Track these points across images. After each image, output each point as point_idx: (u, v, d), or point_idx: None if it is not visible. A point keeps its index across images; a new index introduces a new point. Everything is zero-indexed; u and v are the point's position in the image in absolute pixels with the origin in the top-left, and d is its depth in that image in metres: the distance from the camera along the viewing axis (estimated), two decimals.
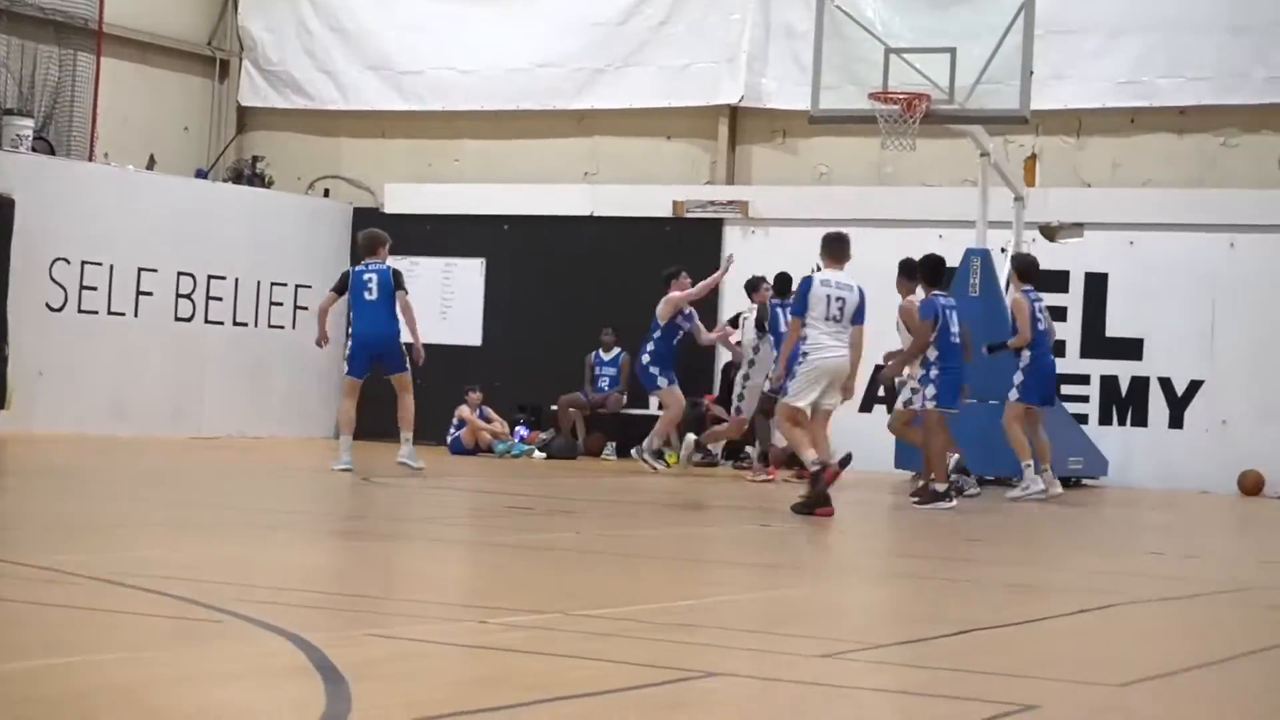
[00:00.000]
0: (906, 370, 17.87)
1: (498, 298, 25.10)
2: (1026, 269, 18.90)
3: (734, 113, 24.61)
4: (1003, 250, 21.27)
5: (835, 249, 15.28)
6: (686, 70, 24.57)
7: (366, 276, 17.97)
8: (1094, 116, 23.08)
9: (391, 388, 18.14)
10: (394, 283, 17.89)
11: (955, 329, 16.88)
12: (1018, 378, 18.36)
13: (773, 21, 24.12)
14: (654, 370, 20.49)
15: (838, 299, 14.87)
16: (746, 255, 23.49)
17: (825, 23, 18.93)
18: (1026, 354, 18.35)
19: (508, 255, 25.10)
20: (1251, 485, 21.71)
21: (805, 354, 14.81)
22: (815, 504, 14.56)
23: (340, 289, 18.23)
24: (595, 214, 24.77)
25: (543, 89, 25.31)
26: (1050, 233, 22.12)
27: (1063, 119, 23.11)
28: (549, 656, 6.96)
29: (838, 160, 24.10)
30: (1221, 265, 22.02)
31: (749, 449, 21.32)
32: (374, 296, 17.92)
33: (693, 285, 20.64)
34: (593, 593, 9.41)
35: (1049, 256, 22.20)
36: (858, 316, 14.87)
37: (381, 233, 18.52)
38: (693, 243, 23.77)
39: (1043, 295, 19.29)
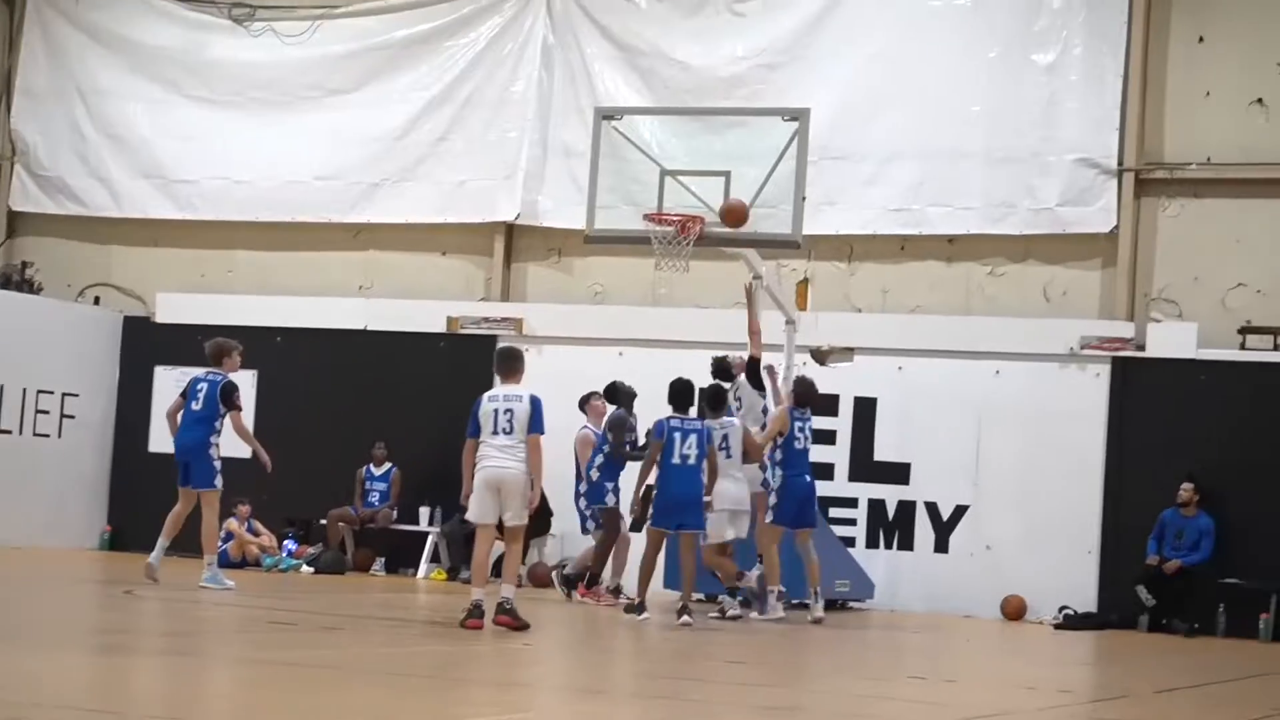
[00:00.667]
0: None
1: (269, 410, 24.77)
2: (805, 392, 19.18)
3: (510, 230, 24.68)
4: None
5: (504, 364, 15.32)
6: (464, 186, 24.63)
7: (199, 385, 18.10)
8: (865, 242, 23.43)
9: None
10: (220, 396, 17.85)
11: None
12: (770, 499, 18.56)
13: (550, 140, 24.28)
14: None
15: (506, 411, 14.93)
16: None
17: (602, 143, 18.98)
18: (780, 475, 18.59)
19: (280, 367, 24.85)
20: (1014, 610, 21.98)
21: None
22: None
23: (183, 394, 18.21)
24: (369, 328, 24.64)
25: (319, 201, 25.21)
26: (821, 356, 22.33)
27: (834, 244, 23.41)
28: None
29: (612, 280, 24.21)
30: (987, 392, 22.36)
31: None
32: (197, 406, 17.94)
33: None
34: (335, 711, 9.27)
35: (819, 380, 22.52)
36: (533, 425, 14.84)
37: (228, 342, 18.44)
38: (466, 359, 23.74)
39: (813, 419, 19.57)
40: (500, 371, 15.45)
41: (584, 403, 20.92)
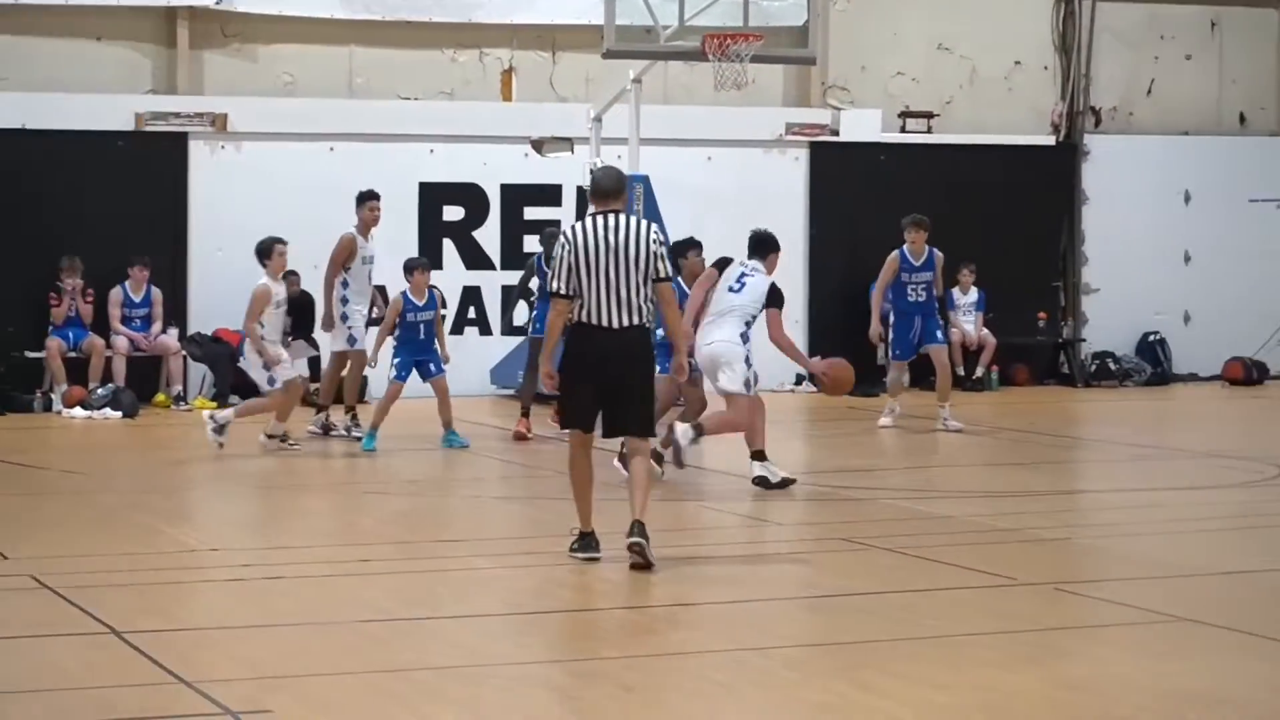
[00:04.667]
0: None
1: None
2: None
3: (174, 13, 22.75)
4: (591, 171, 21.73)
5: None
6: None
7: None
8: (568, 33, 23.70)
9: None
10: None
11: None
12: None
13: None
14: None
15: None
16: (214, 174, 22.54)
17: None
18: None
19: None
20: None
21: None
22: None
23: None
24: (28, 126, 22.40)
25: None
26: (538, 146, 22.71)
27: (537, 33, 23.69)
28: None
29: (303, 69, 23.25)
30: (702, 177, 23.45)
31: None
32: None
33: None
34: None
35: (539, 170, 22.99)
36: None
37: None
38: (152, 159, 22.34)
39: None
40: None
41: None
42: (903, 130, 24.72)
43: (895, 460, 18.08)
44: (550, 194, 23.27)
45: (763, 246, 15.80)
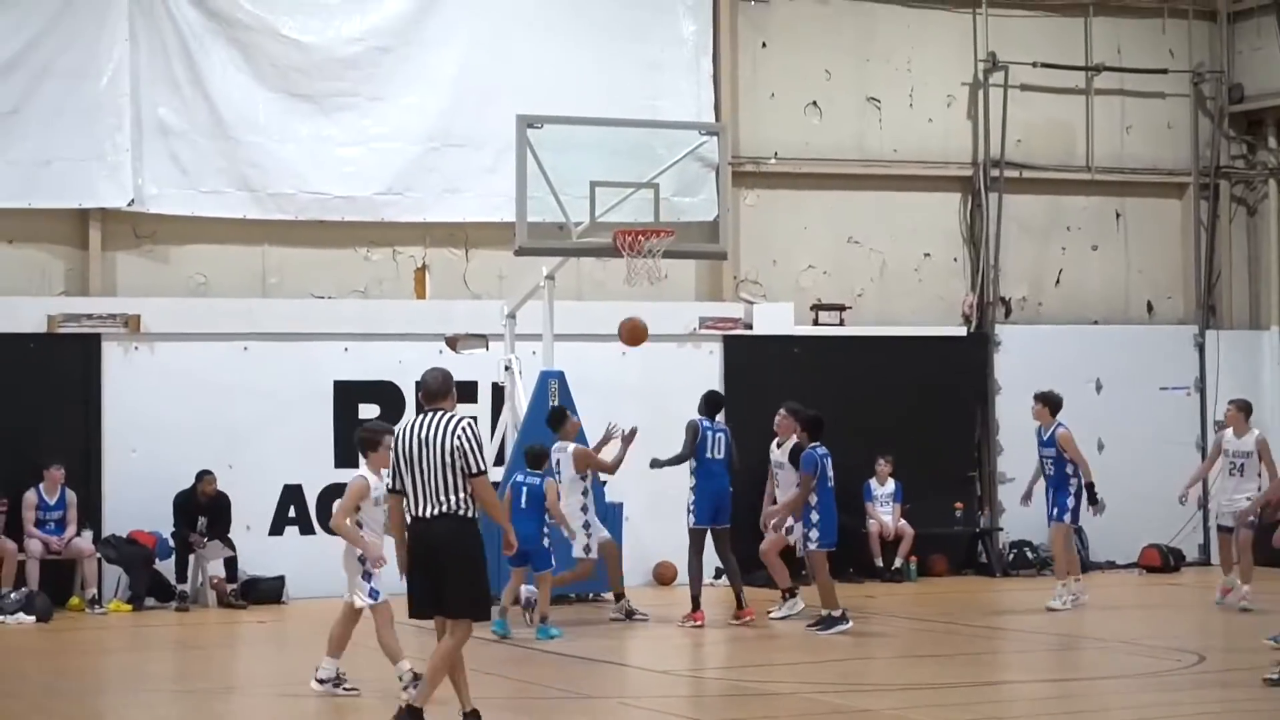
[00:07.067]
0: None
1: None
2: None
3: (88, 216, 22.68)
4: (506, 368, 21.87)
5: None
6: (49, 167, 22.29)
7: None
8: (480, 229, 23.77)
9: None
10: None
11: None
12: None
13: (145, 118, 22.72)
14: None
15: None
16: (127, 374, 22.43)
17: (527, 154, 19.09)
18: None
19: None
20: (668, 576, 23.56)
21: None
22: None
23: None
24: None
25: None
26: (452, 343, 22.78)
27: (450, 230, 23.81)
28: None
29: (214, 269, 23.22)
30: (613, 372, 23.27)
31: None
32: None
33: None
34: None
35: (454, 367, 22.91)
36: None
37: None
38: (64, 361, 22.20)
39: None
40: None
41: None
42: (815, 323, 24.90)
43: (816, 654, 18.01)
44: (466, 391, 23.16)
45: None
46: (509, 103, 22.35)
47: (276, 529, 22.79)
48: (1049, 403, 21.32)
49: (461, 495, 12.61)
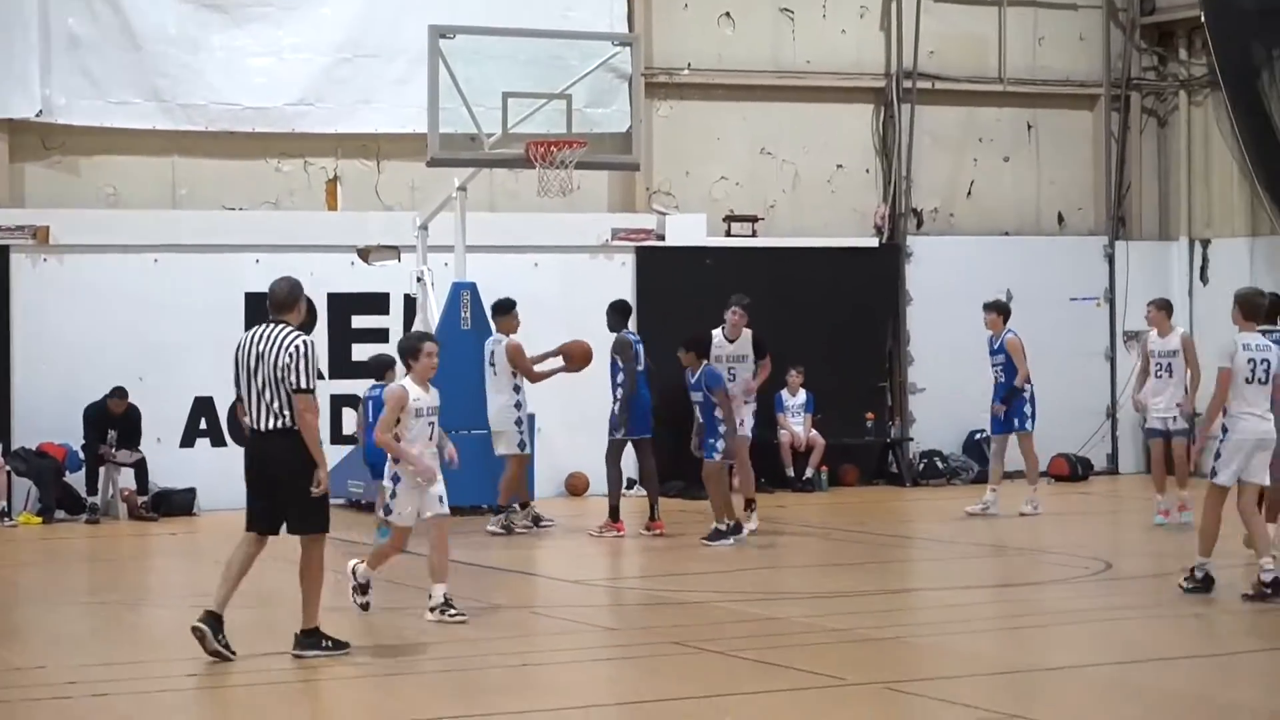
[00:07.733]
0: None
1: None
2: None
3: (1, 127, 22.43)
4: (418, 279, 21.77)
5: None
6: None
7: None
8: (393, 141, 23.70)
9: None
10: None
11: None
12: None
13: (53, 29, 22.44)
14: None
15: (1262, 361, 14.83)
16: (36, 287, 22.25)
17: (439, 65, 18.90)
18: None
19: None
20: (580, 486, 23.61)
21: None
22: None
23: None
24: None
25: None
26: (364, 254, 22.67)
27: (362, 142, 23.68)
28: None
29: (126, 181, 23.04)
30: (528, 283, 23.28)
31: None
32: None
33: None
34: None
35: (366, 279, 22.91)
36: None
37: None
38: None
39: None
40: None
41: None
42: (728, 234, 24.92)
43: (728, 563, 18.10)
44: (378, 302, 23.20)
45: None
46: (421, 13, 22.22)
47: (188, 441, 22.75)
48: (1001, 311, 21.77)
49: (294, 411, 12.52)
